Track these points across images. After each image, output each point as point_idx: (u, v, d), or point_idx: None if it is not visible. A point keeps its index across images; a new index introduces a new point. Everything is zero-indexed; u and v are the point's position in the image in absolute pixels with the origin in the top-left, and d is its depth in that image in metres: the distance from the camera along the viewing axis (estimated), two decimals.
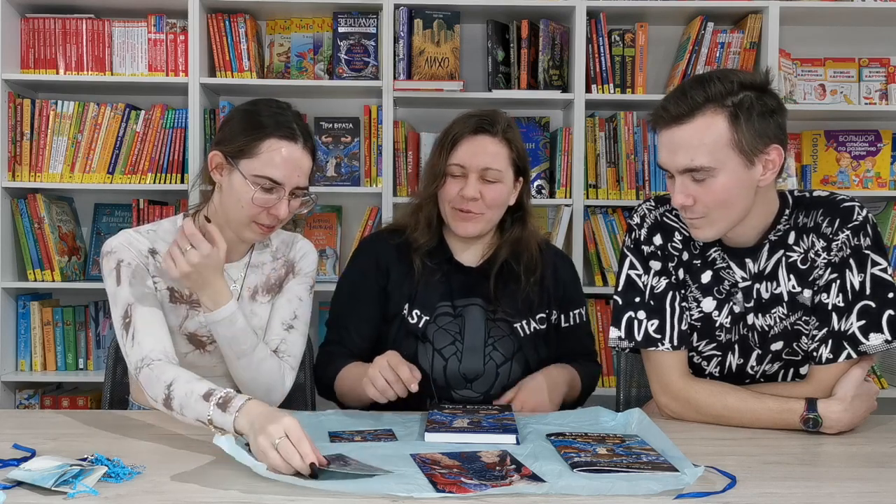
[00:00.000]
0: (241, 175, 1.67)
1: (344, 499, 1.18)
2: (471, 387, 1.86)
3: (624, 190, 3.07)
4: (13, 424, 1.63)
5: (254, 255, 1.83)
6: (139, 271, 1.70)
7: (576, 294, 2.03)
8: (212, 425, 1.40)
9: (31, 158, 3.01)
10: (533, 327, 1.93)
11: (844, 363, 1.61)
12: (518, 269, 1.92)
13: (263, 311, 1.81)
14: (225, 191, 1.71)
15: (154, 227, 1.79)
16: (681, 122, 1.56)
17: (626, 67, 3.07)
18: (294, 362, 1.78)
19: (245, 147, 1.68)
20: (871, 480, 1.32)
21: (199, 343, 1.77)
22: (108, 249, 1.71)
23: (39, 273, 3.01)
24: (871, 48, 3.24)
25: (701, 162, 1.55)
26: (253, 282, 1.82)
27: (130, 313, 1.65)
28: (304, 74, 3.17)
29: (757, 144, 1.55)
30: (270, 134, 1.68)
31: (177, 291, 1.74)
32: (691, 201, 1.59)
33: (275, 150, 1.67)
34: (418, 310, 1.89)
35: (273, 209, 1.68)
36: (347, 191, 3.14)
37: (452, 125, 1.92)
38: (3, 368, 3.01)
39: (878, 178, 3.15)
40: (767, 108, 1.56)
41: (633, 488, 1.21)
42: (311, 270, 1.88)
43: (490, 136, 1.88)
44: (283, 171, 1.67)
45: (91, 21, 3.05)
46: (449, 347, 1.87)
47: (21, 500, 1.18)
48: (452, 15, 3.07)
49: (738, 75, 1.58)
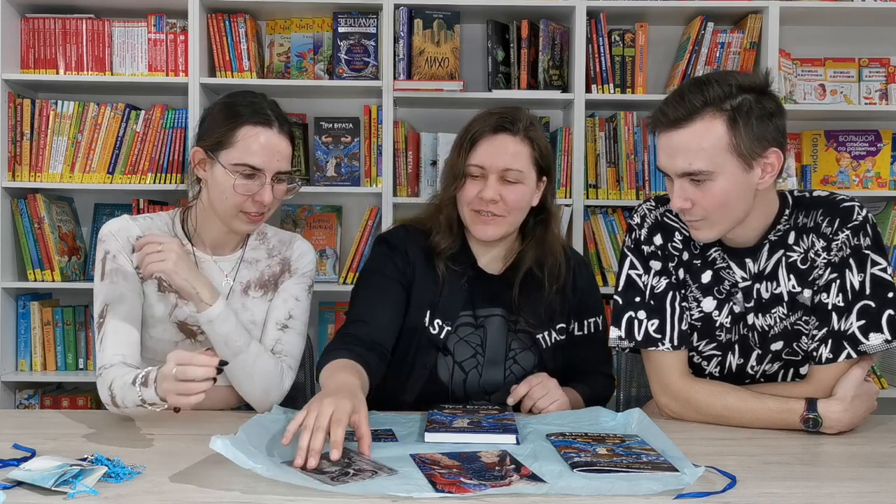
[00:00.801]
0: (221, 166, 1.70)
1: (344, 499, 1.18)
2: (489, 399, 1.83)
3: (624, 190, 3.07)
4: (13, 424, 1.63)
5: (247, 250, 1.84)
6: (122, 266, 1.72)
7: (592, 301, 1.95)
8: (146, 404, 1.51)
9: (31, 158, 3.01)
10: (554, 338, 1.88)
11: (844, 363, 1.61)
12: (542, 275, 1.86)
13: (255, 306, 1.81)
14: (210, 185, 1.73)
15: (152, 217, 1.81)
16: (679, 126, 1.56)
17: (626, 67, 3.07)
18: (292, 362, 1.78)
19: (222, 138, 1.70)
20: (871, 480, 1.32)
21: (189, 332, 1.77)
22: (102, 235, 1.75)
23: (39, 273, 3.02)
24: (871, 48, 3.24)
25: (699, 166, 1.55)
26: (246, 276, 1.82)
27: (105, 314, 1.71)
28: (304, 74, 3.17)
29: (755, 148, 1.55)
30: (245, 121, 1.70)
31: (164, 280, 1.74)
32: (689, 205, 1.59)
33: (251, 137, 1.69)
34: (440, 319, 1.82)
35: (257, 196, 1.70)
36: (347, 191, 3.14)
37: (472, 123, 1.84)
38: (3, 368, 3.01)
39: (878, 178, 3.15)
40: (766, 112, 1.56)
41: (633, 488, 1.21)
42: (308, 270, 1.87)
43: (511, 134, 1.80)
44: (261, 156, 1.69)
45: (91, 21, 3.06)
46: (470, 361, 1.83)
47: (21, 500, 1.18)
48: (452, 15, 3.07)
49: (736, 78, 1.58)
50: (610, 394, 1.95)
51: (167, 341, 1.76)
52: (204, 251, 1.81)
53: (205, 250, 1.81)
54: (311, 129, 3.24)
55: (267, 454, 1.33)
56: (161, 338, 1.76)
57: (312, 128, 3.23)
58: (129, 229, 1.75)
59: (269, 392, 1.72)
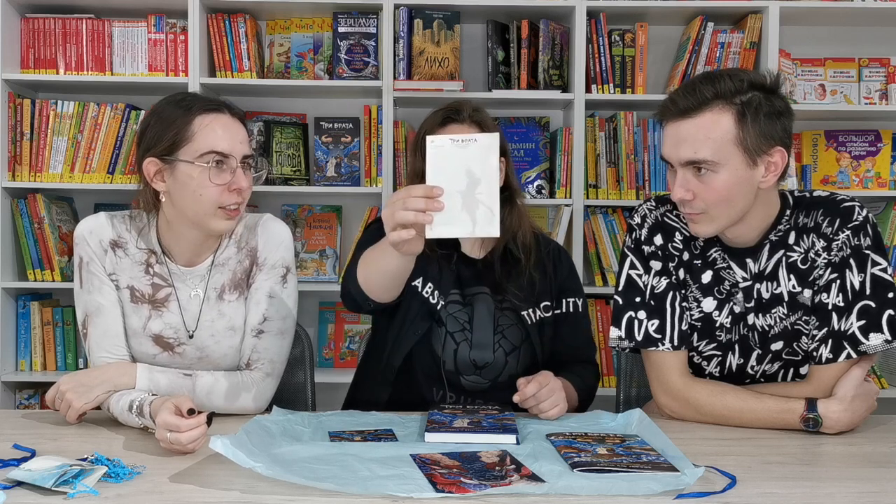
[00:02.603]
0: (186, 163, 1.63)
1: (344, 499, 1.18)
2: (480, 374, 1.88)
3: (624, 190, 3.07)
4: (13, 424, 1.62)
5: (218, 252, 1.77)
6: (96, 273, 1.71)
7: (571, 284, 2.00)
8: (148, 430, 1.51)
9: (31, 158, 3.01)
10: (539, 315, 1.94)
11: (844, 363, 1.61)
12: (518, 251, 1.93)
13: (232, 310, 1.75)
14: (175, 192, 1.66)
15: (132, 215, 1.76)
16: (688, 116, 1.57)
17: (626, 67, 3.07)
18: (268, 367, 1.73)
19: (176, 137, 1.63)
20: (871, 480, 1.32)
21: (165, 345, 1.74)
22: (76, 238, 1.74)
23: (39, 273, 3.02)
24: (871, 48, 3.24)
25: (704, 155, 1.56)
26: (219, 281, 1.75)
27: (87, 325, 1.72)
28: (304, 74, 3.17)
29: (761, 145, 1.56)
30: (197, 112, 1.65)
31: (137, 290, 1.73)
32: (690, 196, 1.59)
33: (208, 125, 1.64)
34: (431, 285, 1.88)
35: (234, 184, 1.65)
36: (347, 191, 3.14)
37: (422, 125, 1.95)
38: (3, 368, 3.01)
39: (878, 178, 3.15)
40: (775, 110, 1.57)
41: (633, 488, 1.21)
42: (278, 259, 1.77)
43: (458, 123, 1.89)
44: (225, 140, 1.64)
45: (91, 21, 3.06)
46: (460, 333, 1.89)
47: (21, 500, 1.18)
48: (452, 15, 3.07)
49: (748, 75, 1.59)
50: (596, 382, 1.98)
51: (145, 353, 1.73)
52: (175, 263, 1.75)
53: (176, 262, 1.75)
54: (311, 129, 3.24)
55: (267, 454, 1.33)
56: (138, 350, 1.73)
57: (312, 128, 3.23)
58: (102, 231, 1.72)
59: (244, 408, 1.69)
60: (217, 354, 1.75)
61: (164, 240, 1.74)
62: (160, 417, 1.42)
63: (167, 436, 1.39)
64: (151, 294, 1.73)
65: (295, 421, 1.56)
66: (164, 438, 1.40)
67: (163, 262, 1.74)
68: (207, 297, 1.75)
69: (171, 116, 1.66)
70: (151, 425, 1.48)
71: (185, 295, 1.74)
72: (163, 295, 1.74)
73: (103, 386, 1.61)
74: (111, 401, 1.61)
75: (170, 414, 1.41)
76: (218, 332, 1.75)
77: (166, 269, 1.74)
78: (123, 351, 1.72)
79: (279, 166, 3.12)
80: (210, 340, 1.74)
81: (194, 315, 1.74)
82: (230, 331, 1.75)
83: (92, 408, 1.62)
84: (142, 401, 1.52)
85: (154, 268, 1.74)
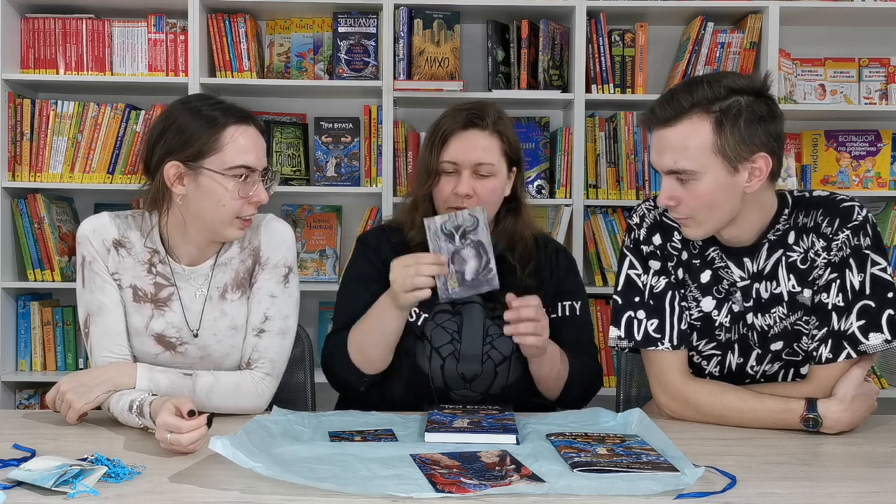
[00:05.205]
0: (213, 172, 1.63)
1: (344, 499, 1.18)
2: (469, 387, 1.85)
3: (624, 190, 3.07)
4: (13, 424, 1.63)
5: (221, 252, 1.77)
6: (99, 273, 1.71)
7: (570, 285, 1.96)
8: (148, 430, 1.50)
9: (31, 158, 3.01)
10: None
11: (844, 363, 1.61)
12: (513, 261, 1.90)
13: (235, 309, 1.76)
14: (195, 197, 1.66)
15: (134, 215, 1.76)
16: (667, 125, 1.59)
17: (626, 67, 3.07)
18: (269, 367, 1.73)
19: (205, 146, 1.63)
20: (871, 480, 1.32)
21: (167, 344, 1.74)
22: (79, 237, 1.74)
23: (39, 273, 3.02)
24: (871, 48, 3.24)
25: (683, 165, 1.57)
26: (221, 280, 1.76)
27: (88, 325, 1.72)
28: (304, 74, 3.17)
29: (742, 151, 1.56)
30: (227, 123, 1.65)
31: (139, 290, 1.73)
32: (674, 203, 1.62)
33: (238, 137, 1.65)
34: (417, 307, 1.85)
35: (255, 196, 1.67)
36: (347, 191, 3.14)
37: (441, 120, 1.90)
38: (3, 368, 3.01)
39: (878, 178, 3.15)
40: (756, 116, 1.56)
41: (633, 488, 1.21)
42: (280, 258, 1.77)
43: (480, 129, 1.85)
44: (252, 154, 1.66)
45: (91, 21, 3.05)
46: (446, 346, 1.85)
47: (21, 500, 1.18)
48: (452, 15, 3.07)
49: (730, 80, 1.59)
50: (595, 377, 1.93)
51: (147, 353, 1.73)
52: (178, 263, 1.75)
53: (179, 262, 1.75)
54: (311, 129, 3.24)
55: (267, 454, 1.33)
56: (140, 349, 1.73)
57: (312, 128, 3.23)
58: (106, 231, 1.72)
59: (244, 408, 1.69)
60: (219, 354, 1.75)
61: (168, 239, 1.74)
62: (160, 418, 1.42)
63: (167, 436, 1.39)
64: (154, 293, 1.73)
65: (295, 421, 1.56)
66: (164, 439, 1.40)
67: (166, 261, 1.74)
68: (210, 297, 1.75)
69: (199, 123, 1.65)
70: (151, 425, 1.48)
71: (188, 294, 1.74)
72: (165, 294, 1.74)
73: (103, 386, 1.61)
74: (111, 401, 1.60)
75: (170, 415, 1.41)
76: (220, 332, 1.75)
77: (169, 269, 1.74)
78: (125, 350, 1.72)
79: (279, 166, 3.12)
80: (212, 340, 1.74)
81: (197, 314, 1.74)
82: (232, 330, 1.76)
83: (92, 408, 1.62)
84: (142, 401, 1.52)
85: (157, 267, 1.74)
